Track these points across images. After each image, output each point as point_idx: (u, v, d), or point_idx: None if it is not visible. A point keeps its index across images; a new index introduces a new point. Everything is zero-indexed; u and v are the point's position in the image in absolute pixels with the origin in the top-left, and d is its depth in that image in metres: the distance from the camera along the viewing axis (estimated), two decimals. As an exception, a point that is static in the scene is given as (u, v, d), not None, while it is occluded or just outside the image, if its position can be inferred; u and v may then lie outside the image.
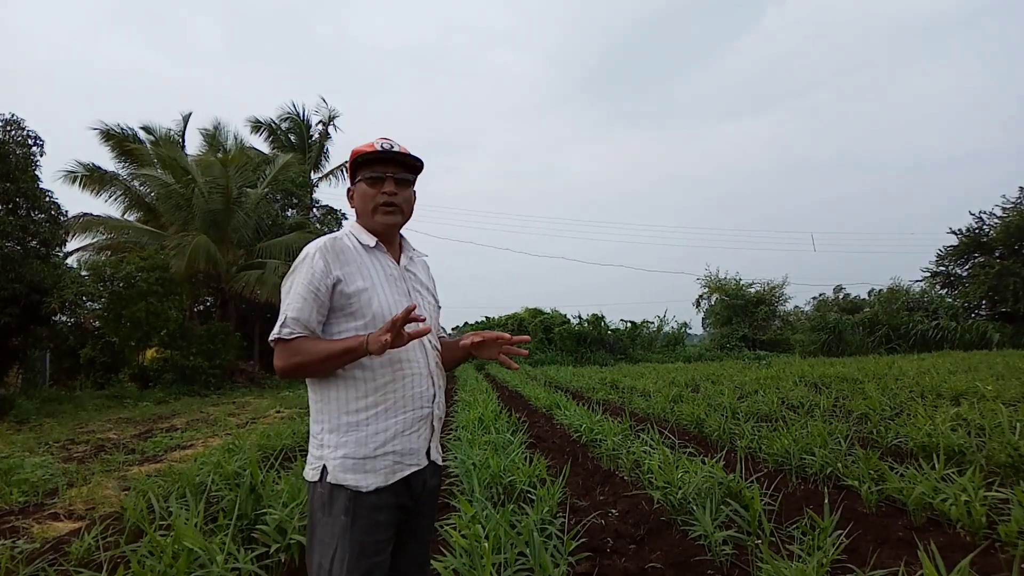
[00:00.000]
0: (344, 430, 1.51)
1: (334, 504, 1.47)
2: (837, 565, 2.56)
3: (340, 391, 1.53)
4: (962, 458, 4.09)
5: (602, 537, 3.21)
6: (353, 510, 1.46)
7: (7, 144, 12.27)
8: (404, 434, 1.55)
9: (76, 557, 3.12)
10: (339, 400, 1.53)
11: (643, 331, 30.97)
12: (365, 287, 1.55)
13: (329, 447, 1.51)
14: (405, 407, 1.55)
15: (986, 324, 25.07)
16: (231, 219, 17.84)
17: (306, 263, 1.54)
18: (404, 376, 1.56)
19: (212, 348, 16.99)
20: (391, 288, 1.61)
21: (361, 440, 1.50)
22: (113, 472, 5.82)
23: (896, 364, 14.01)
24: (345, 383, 1.53)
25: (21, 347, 13.04)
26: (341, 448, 1.50)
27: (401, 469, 1.54)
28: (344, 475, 1.48)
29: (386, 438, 1.52)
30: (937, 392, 7.93)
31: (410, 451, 1.56)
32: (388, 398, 1.53)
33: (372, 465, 1.50)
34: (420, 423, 1.58)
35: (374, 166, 1.63)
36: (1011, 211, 27.58)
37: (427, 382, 1.60)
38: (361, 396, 1.52)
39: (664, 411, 7.51)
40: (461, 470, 4.11)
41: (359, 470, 1.49)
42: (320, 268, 1.52)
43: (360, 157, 1.63)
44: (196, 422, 9.96)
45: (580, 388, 12.40)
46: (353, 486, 1.48)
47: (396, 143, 1.66)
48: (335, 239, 1.60)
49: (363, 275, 1.57)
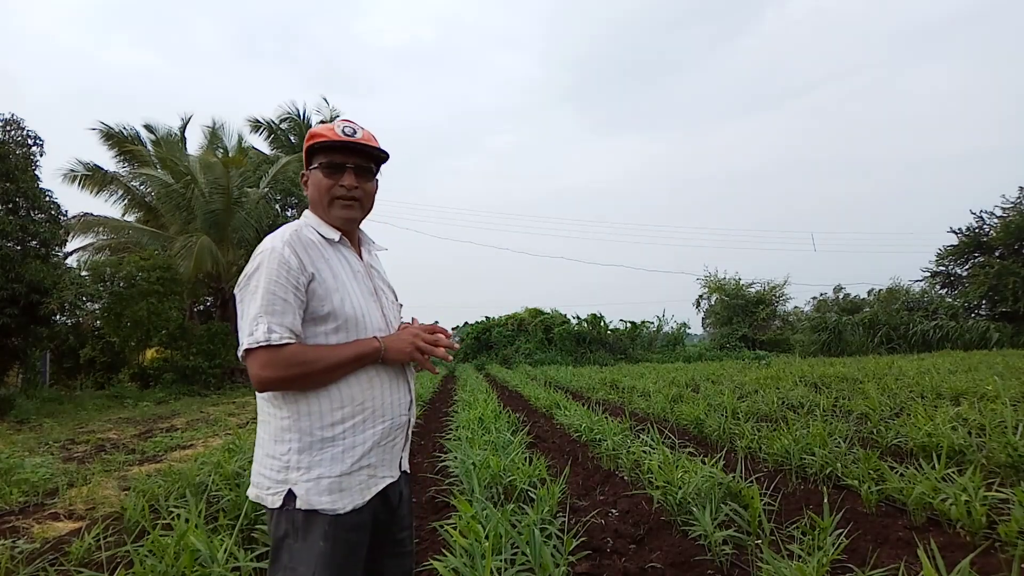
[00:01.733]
0: (319, 447, 1.35)
1: (310, 531, 1.33)
2: (837, 565, 2.57)
3: (314, 403, 1.36)
4: (962, 458, 4.09)
5: (602, 537, 3.21)
6: (332, 535, 1.33)
7: (7, 144, 12.27)
8: (381, 445, 1.43)
9: (76, 557, 3.12)
10: (313, 414, 1.36)
11: (643, 331, 30.95)
12: (336, 287, 1.40)
13: (299, 469, 1.34)
14: (384, 416, 1.43)
15: (986, 324, 25.07)
16: (231, 219, 17.84)
17: (275, 258, 1.34)
18: (381, 382, 1.43)
19: (212, 348, 17.00)
20: (359, 287, 1.46)
21: (336, 456, 1.36)
22: (113, 472, 5.82)
23: (896, 364, 14.00)
24: (317, 394, 1.36)
25: (21, 347, 13.03)
26: (315, 468, 1.34)
27: (376, 484, 1.43)
28: (319, 498, 1.33)
29: (363, 451, 1.39)
30: (937, 392, 7.92)
31: (384, 463, 1.45)
32: (366, 407, 1.40)
33: (348, 482, 1.37)
34: (397, 432, 1.47)
35: (333, 153, 1.47)
36: (1011, 211, 27.60)
37: (404, 387, 1.50)
38: (337, 407, 1.37)
39: (664, 411, 7.50)
40: (461, 470, 4.11)
41: (335, 490, 1.35)
42: (295, 263, 1.35)
43: (318, 143, 1.47)
44: (196, 422, 9.96)
45: (580, 388, 12.39)
46: (330, 510, 1.34)
47: (359, 127, 1.50)
48: (297, 231, 1.41)
49: (332, 273, 1.41)
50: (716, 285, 34.89)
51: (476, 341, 31.86)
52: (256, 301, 1.32)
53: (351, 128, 1.48)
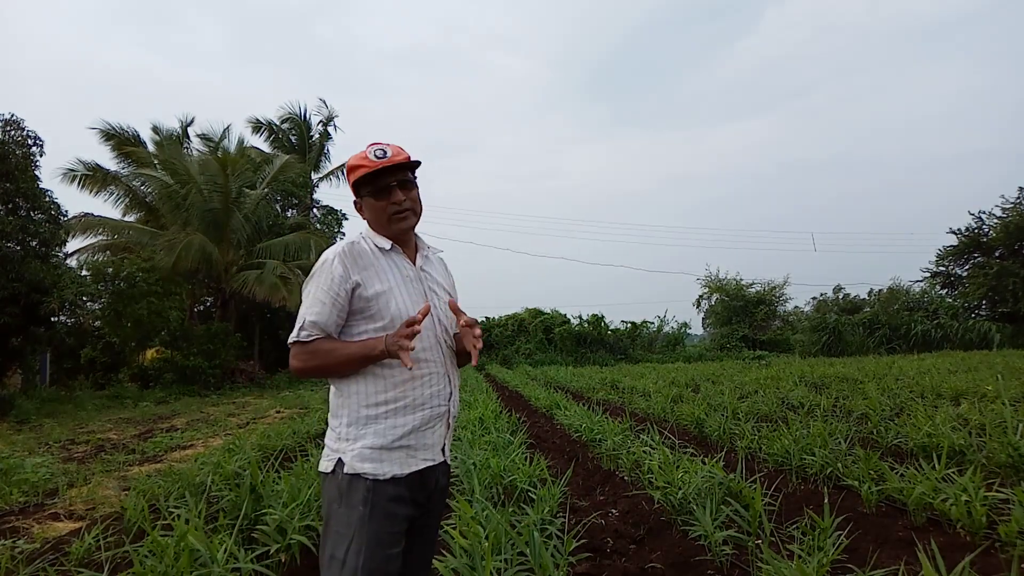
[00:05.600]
0: (364, 422, 1.56)
1: (352, 495, 1.51)
2: (837, 565, 2.56)
3: (360, 386, 1.58)
4: (962, 458, 4.09)
5: (602, 537, 3.21)
6: (372, 500, 1.50)
7: (7, 144, 12.26)
8: (420, 430, 1.59)
9: (76, 557, 3.12)
10: (359, 395, 1.58)
11: (643, 331, 30.97)
12: (383, 290, 1.59)
13: (348, 439, 1.56)
14: (423, 404, 1.60)
15: (986, 324, 25.08)
16: (230, 219, 17.84)
17: (325, 268, 1.58)
18: (423, 375, 1.61)
19: (212, 348, 17.00)
20: (408, 289, 1.64)
21: (380, 432, 1.55)
22: (113, 472, 5.82)
23: (896, 364, 14.01)
24: (365, 379, 1.58)
25: (21, 347, 13.03)
26: (360, 440, 1.54)
27: (416, 463, 1.58)
28: (362, 464, 1.52)
29: (404, 432, 1.57)
30: (937, 392, 7.93)
31: (425, 446, 1.61)
32: (407, 395, 1.58)
33: (389, 455, 1.54)
34: (436, 420, 1.63)
35: (376, 179, 1.64)
36: (1011, 211, 27.62)
37: (444, 381, 1.65)
38: (380, 391, 1.57)
39: (664, 411, 7.50)
40: (462, 470, 4.11)
41: (376, 459, 1.53)
42: (339, 273, 1.57)
43: (360, 178, 1.64)
44: (196, 422, 9.96)
45: (580, 388, 12.40)
46: (371, 474, 1.51)
47: (387, 147, 1.65)
48: (352, 244, 1.64)
49: (380, 278, 1.61)
50: (716, 285, 34.91)
51: (476, 341, 31.80)
52: (305, 303, 1.59)
53: (381, 151, 1.64)
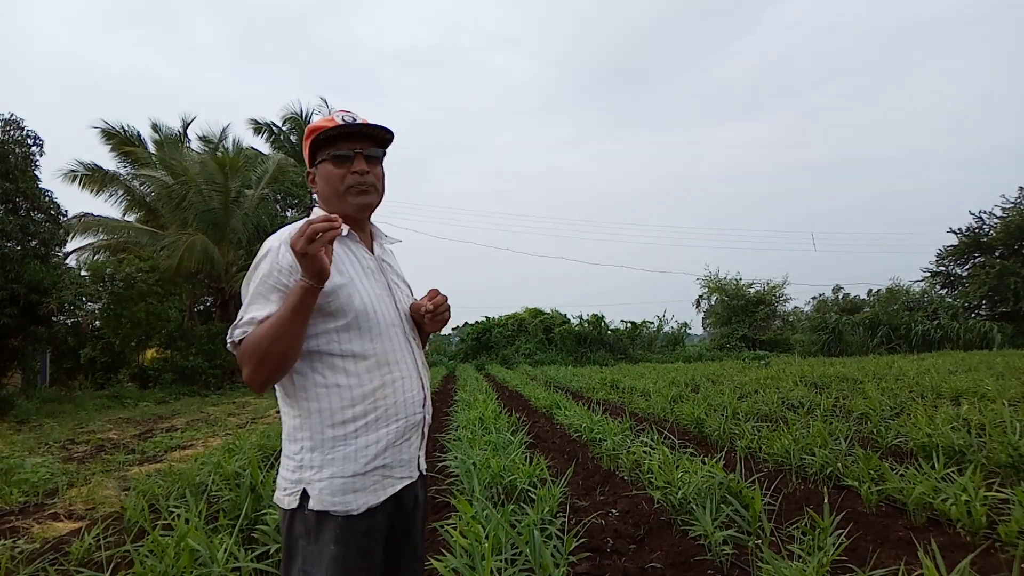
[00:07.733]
0: (330, 446, 1.33)
1: (321, 533, 1.31)
2: (837, 565, 2.56)
3: (324, 402, 1.35)
4: (962, 458, 4.08)
5: (602, 537, 3.21)
6: (344, 538, 1.31)
7: (7, 144, 12.26)
8: (396, 444, 1.39)
9: (76, 557, 3.12)
10: (321, 413, 1.34)
11: (643, 331, 30.96)
12: (343, 283, 1.36)
13: (312, 468, 1.33)
14: (397, 414, 1.39)
15: (987, 324, 25.08)
16: (230, 219, 17.84)
17: (269, 258, 1.34)
18: (394, 380, 1.40)
19: (212, 348, 17.00)
20: (370, 282, 1.43)
21: (349, 456, 1.33)
22: (113, 472, 5.82)
23: (896, 364, 14.01)
24: (328, 392, 1.35)
25: (21, 347, 13.04)
26: (327, 467, 1.32)
27: (392, 484, 1.39)
28: (332, 499, 1.31)
29: (377, 451, 1.36)
30: (937, 392, 7.93)
31: (402, 462, 1.41)
32: (378, 406, 1.37)
33: (362, 483, 1.34)
34: (412, 431, 1.43)
35: (338, 143, 1.43)
36: (1011, 211, 27.65)
37: (417, 384, 1.45)
38: (348, 405, 1.35)
39: (664, 411, 7.50)
40: (461, 470, 4.11)
41: (348, 490, 1.32)
42: (287, 263, 1.31)
43: (321, 134, 1.42)
44: (196, 422, 9.96)
45: (580, 388, 12.40)
46: (343, 511, 1.31)
47: (358, 115, 1.47)
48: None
49: (339, 269, 1.36)
50: (716, 285, 34.89)
51: (476, 341, 31.86)
52: (246, 299, 1.35)
53: (351, 116, 1.45)
